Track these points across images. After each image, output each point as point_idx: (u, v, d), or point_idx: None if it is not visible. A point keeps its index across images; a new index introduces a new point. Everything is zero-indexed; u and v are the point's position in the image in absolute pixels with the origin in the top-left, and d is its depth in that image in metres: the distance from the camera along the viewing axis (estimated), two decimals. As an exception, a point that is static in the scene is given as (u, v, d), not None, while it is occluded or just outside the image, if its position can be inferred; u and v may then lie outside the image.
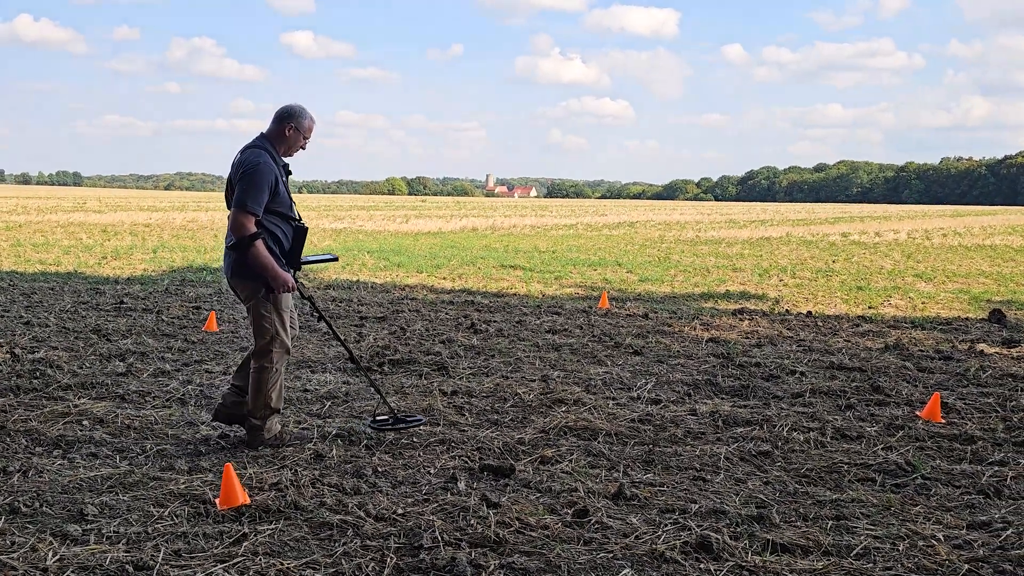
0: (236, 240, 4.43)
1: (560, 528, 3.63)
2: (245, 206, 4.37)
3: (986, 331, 8.92)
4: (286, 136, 4.60)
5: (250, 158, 4.46)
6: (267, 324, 4.59)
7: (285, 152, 4.65)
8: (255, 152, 4.49)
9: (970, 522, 3.84)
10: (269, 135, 4.62)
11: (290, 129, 4.60)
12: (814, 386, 6.28)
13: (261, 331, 4.61)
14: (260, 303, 4.56)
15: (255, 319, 4.60)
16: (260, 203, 4.41)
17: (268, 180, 4.42)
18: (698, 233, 28.02)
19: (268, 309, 4.57)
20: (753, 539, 3.58)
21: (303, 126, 4.63)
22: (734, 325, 9.02)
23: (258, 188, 4.39)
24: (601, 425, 5.17)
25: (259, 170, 4.41)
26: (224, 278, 4.76)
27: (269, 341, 4.61)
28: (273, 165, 4.49)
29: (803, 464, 4.62)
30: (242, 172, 4.43)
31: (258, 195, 4.39)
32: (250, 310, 4.62)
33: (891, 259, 18.15)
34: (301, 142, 4.68)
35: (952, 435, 5.17)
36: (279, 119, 4.61)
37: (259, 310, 4.57)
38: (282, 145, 4.62)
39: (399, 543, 3.45)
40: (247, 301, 4.61)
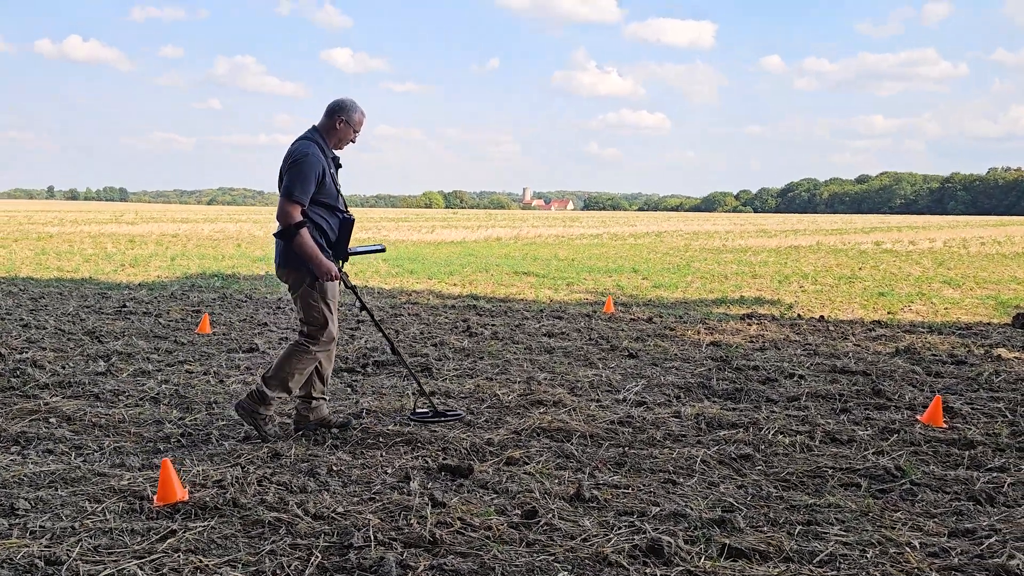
0: (282, 228, 4.50)
1: (504, 529, 3.42)
2: (292, 195, 4.45)
3: (1008, 336, 8.52)
4: (336, 129, 4.66)
5: (299, 148, 4.54)
6: (316, 313, 4.65)
7: (335, 145, 4.71)
8: (305, 143, 4.57)
9: (953, 529, 3.56)
10: (320, 128, 4.68)
11: (340, 122, 4.65)
12: (812, 390, 5.99)
13: (311, 319, 4.67)
14: (307, 292, 4.62)
15: (304, 308, 4.67)
16: (306, 193, 4.47)
17: (315, 170, 4.49)
18: (725, 242, 27.56)
19: (315, 298, 4.63)
20: (710, 544, 3.34)
21: (353, 119, 4.69)
22: (740, 329, 8.73)
23: (305, 178, 4.46)
24: (577, 427, 4.96)
25: (307, 160, 4.48)
26: (275, 266, 4.80)
27: (318, 328, 4.67)
28: (321, 156, 4.55)
29: (784, 468, 4.36)
30: (291, 162, 4.51)
31: (305, 185, 4.46)
32: (298, 299, 4.68)
33: (921, 266, 17.61)
34: (351, 135, 4.73)
35: (951, 440, 4.87)
36: (330, 112, 4.67)
37: (307, 299, 4.64)
38: (332, 138, 4.68)
39: (330, 542, 3.28)
40: (294, 290, 4.66)
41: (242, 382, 6.03)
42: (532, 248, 23.23)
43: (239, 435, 4.79)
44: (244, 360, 6.80)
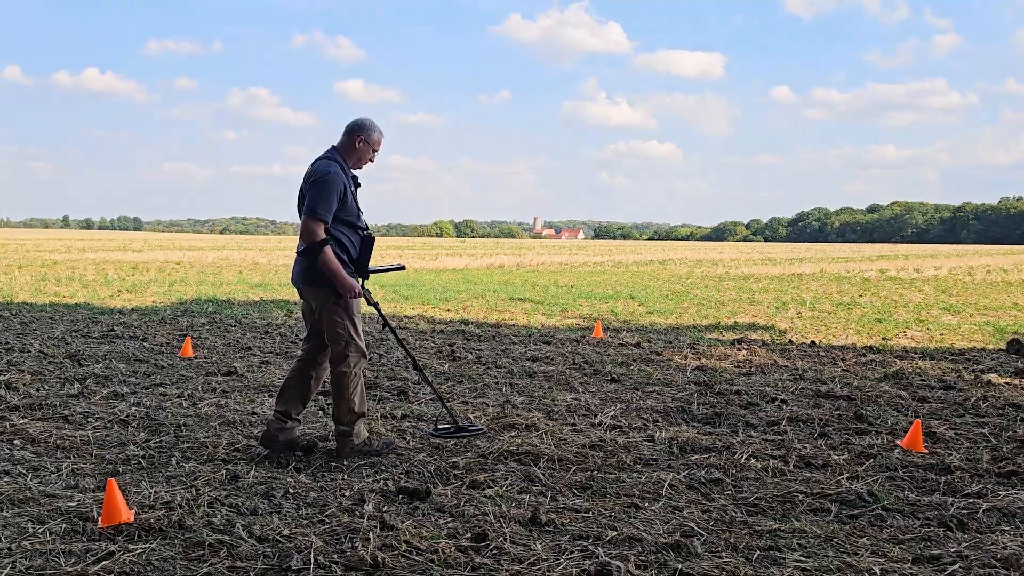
0: (306, 246, 4.52)
1: (451, 552, 3.33)
2: (315, 213, 4.47)
3: (1001, 361, 8.37)
4: (356, 148, 4.70)
5: (321, 167, 4.57)
6: (340, 330, 4.63)
7: (355, 164, 4.74)
8: (326, 162, 4.60)
9: (918, 556, 3.44)
10: (340, 147, 4.72)
11: (360, 141, 4.70)
12: (793, 414, 5.88)
13: (336, 337, 4.65)
14: (332, 310, 4.62)
15: (328, 326, 4.65)
16: (329, 210, 4.50)
17: (337, 189, 4.52)
18: (728, 270, 27.44)
19: (340, 315, 4.62)
20: (663, 568, 3.24)
21: (372, 139, 4.73)
22: (728, 354, 8.62)
23: (327, 196, 4.49)
24: (546, 450, 4.86)
25: (329, 178, 4.51)
26: (297, 286, 4.82)
27: (344, 347, 4.65)
28: (343, 175, 4.59)
29: (754, 493, 4.25)
30: (312, 180, 4.53)
31: (328, 202, 4.49)
32: (323, 317, 4.66)
33: (922, 293, 17.44)
34: (370, 155, 4.78)
35: (929, 465, 4.75)
36: (349, 132, 4.71)
37: (332, 317, 4.63)
38: (352, 157, 4.72)
39: (268, 565, 3.19)
40: (318, 308, 4.66)
41: (215, 404, 5.96)
42: (533, 275, 23.18)
43: (202, 457, 4.72)
44: (221, 383, 6.74)
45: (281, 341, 9.15)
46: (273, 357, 8.07)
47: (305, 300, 4.78)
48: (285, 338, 9.38)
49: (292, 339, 9.31)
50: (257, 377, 7.01)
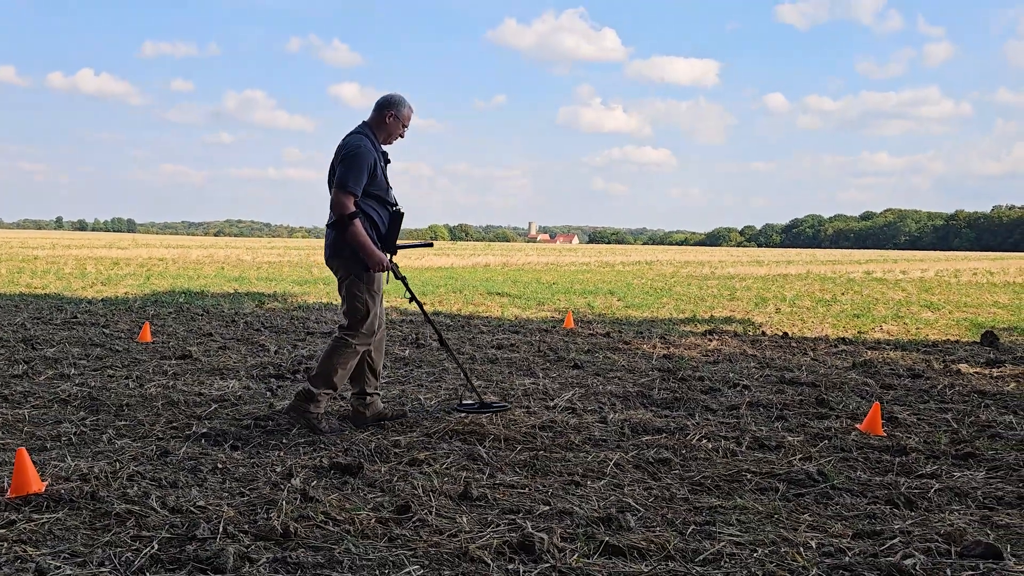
0: (335, 218, 4.51)
1: (369, 523, 3.18)
2: (345, 186, 4.48)
3: (973, 353, 8.26)
4: (386, 123, 4.71)
5: (352, 141, 4.59)
6: (359, 304, 4.66)
7: (384, 140, 4.76)
8: (357, 136, 4.62)
9: (858, 531, 3.31)
10: (370, 123, 4.73)
11: (390, 116, 4.70)
12: (754, 399, 5.75)
13: (353, 310, 4.67)
14: (354, 283, 4.64)
15: (348, 298, 4.67)
16: (359, 184, 4.52)
17: (367, 162, 4.54)
18: (714, 270, 27.35)
19: (361, 289, 4.65)
20: (590, 541, 3.10)
21: (402, 114, 4.74)
22: (698, 344, 8.49)
23: (358, 169, 4.50)
24: (493, 431, 4.72)
25: (359, 152, 4.53)
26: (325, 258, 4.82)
27: (359, 320, 4.67)
28: (373, 150, 4.61)
29: (701, 472, 4.11)
30: (343, 154, 4.54)
31: (358, 176, 4.51)
32: (344, 289, 4.68)
33: (905, 292, 17.36)
34: (400, 130, 4.78)
35: (885, 447, 4.62)
36: (380, 107, 4.73)
37: (353, 290, 4.65)
38: (382, 132, 4.73)
39: (173, 534, 3.04)
40: (343, 280, 4.67)
41: (162, 386, 5.80)
42: (517, 273, 23.04)
43: (137, 435, 4.57)
44: (174, 366, 6.58)
45: (245, 328, 8.99)
46: (234, 343, 7.91)
47: (333, 271, 4.79)
48: (250, 326, 9.22)
49: (257, 327, 9.16)
50: (212, 361, 6.86)
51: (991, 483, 4.02)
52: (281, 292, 14.46)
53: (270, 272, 21.05)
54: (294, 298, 13.21)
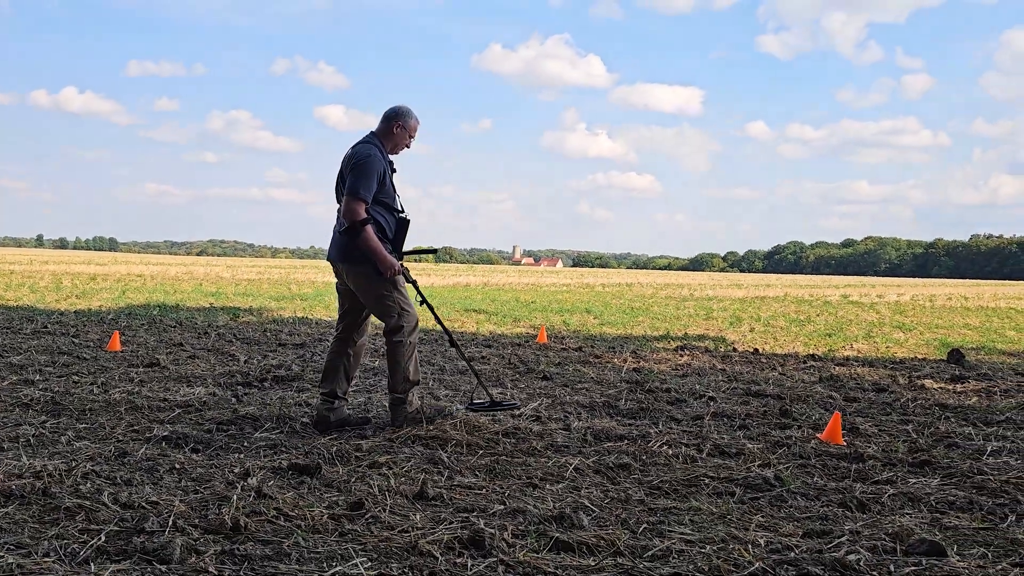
0: (347, 225, 4.61)
1: (321, 519, 3.19)
2: (357, 193, 4.59)
3: (939, 369, 8.37)
4: (394, 134, 4.85)
5: (362, 151, 4.71)
6: (390, 303, 4.76)
7: (392, 150, 4.88)
8: (366, 146, 4.74)
9: (809, 531, 3.34)
10: (378, 133, 4.86)
11: (397, 127, 4.84)
12: (719, 410, 5.80)
13: (386, 311, 4.77)
14: (377, 285, 4.72)
15: (376, 302, 4.77)
16: (370, 191, 4.63)
17: (377, 171, 4.67)
18: (693, 292, 27.52)
19: (387, 289, 4.74)
20: (541, 538, 3.12)
21: (409, 125, 4.87)
22: (668, 359, 8.55)
23: (368, 177, 4.62)
24: (456, 436, 4.72)
25: (370, 161, 4.65)
26: (336, 264, 4.91)
27: (397, 318, 4.77)
28: (382, 159, 4.74)
29: (660, 477, 4.14)
30: (354, 163, 4.66)
31: (368, 183, 4.62)
32: (370, 295, 4.77)
33: (879, 314, 17.55)
34: (406, 140, 4.92)
35: (843, 454, 4.67)
36: (387, 118, 4.86)
37: (379, 292, 4.74)
38: (389, 142, 4.85)
39: (122, 527, 3.03)
40: (363, 287, 4.76)
41: (127, 392, 5.77)
42: (496, 293, 23.08)
43: (97, 437, 4.54)
44: (141, 374, 6.55)
45: (217, 339, 8.96)
46: (203, 352, 7.88)
47: (341, 279, 4.88)
48: (222, 337, 9.19)
49: (229, 338, 9.13)
50: (179, 369, 6.83)
51: (944, 489, 4.07)
52: (257, 307, 14.41)
53: (248, 288, 20.97)
54: (270, 312, 13.18)
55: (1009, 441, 5.05)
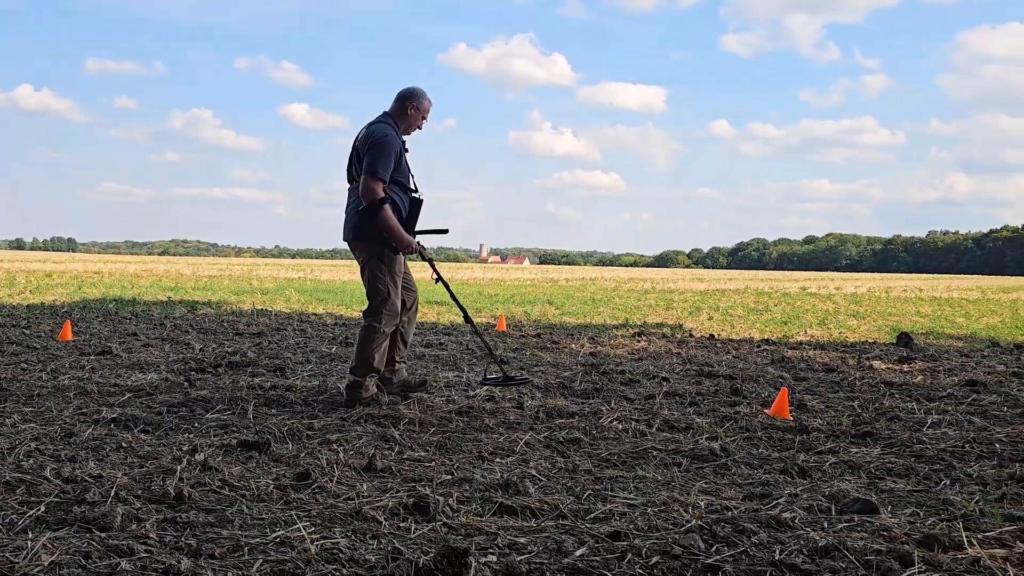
0: (366, 203, 4.67)
1: (267, 489, 3.19)
2: (375, 172, 4.65)
3: (887, 352, 8.57)
4: (407, 114, 4.93)
5: (378, 130, 4.76)
6: (381, 286, 4.83)
7: (405, 130, 4.96)
8: (382, 126, 4.79)
9: (749, 494, 3.43)
10: (392, 113, 4.92)
11: (412, 108, 4.93)
12: (671, 389, 5.88)
13: (375, 291, 4.85)
14: (377, 265, 4.81)
15: (370, 280, 4.85)
16: (388, 170, 4.69)
17: (394, 150, 4.73)
18: (655, 285, 27.77)
19: (383, 271, 4.83)
20: (486, 504, 3.16)
21: (422, 106, 4.96)
22: (625, 344, 8.64)
23: (386, 156, 4.68)
24: (409, 414, 4.75)
25: (387, 140, 4.71)
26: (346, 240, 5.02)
27: (381, 302, 4.85)
28: (398, 138, 4.80)
29: (609, 450, 4.20)
30: (371, 142, 4.70)
31: (386, 162, 4.68)
32: (367, 272, 4.85)
33: (835, 304, 17.87)
34: (419, 121, 5.01)
35: (788, 427, 4.77)
36: (402, 99, 4.93)
37: (375, 271, 4.82)
38: (403, 122, 4.93)
39: (63, 498, 3.01)
40: (365, 262, 4.85)
41: (77, 378, 5.70)
42: (461, 287, 23.08)
43: (43, 420, 4.48)
44: (92, 361, 6.47)
45: (172, 329, 8.87)
46: (158, 342, 7.80)
47: (354, 253, 4.97)
48: (178, 327, 9.10)
49: (185, 328, 9.03)
50: (132, 357, 6.76)
51: (884, 457, 4.19)
52: (217, 300, 14.27)
53: (209, 283, 20.73)
54: (229, 306, 13.05)
55: (949, 415, 5.20)
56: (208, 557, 2.52)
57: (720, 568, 2.53)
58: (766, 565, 2.55)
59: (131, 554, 2.50)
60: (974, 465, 3.98)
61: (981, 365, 7.53)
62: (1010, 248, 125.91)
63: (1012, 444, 4.42)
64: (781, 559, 2.58)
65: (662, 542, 2.72)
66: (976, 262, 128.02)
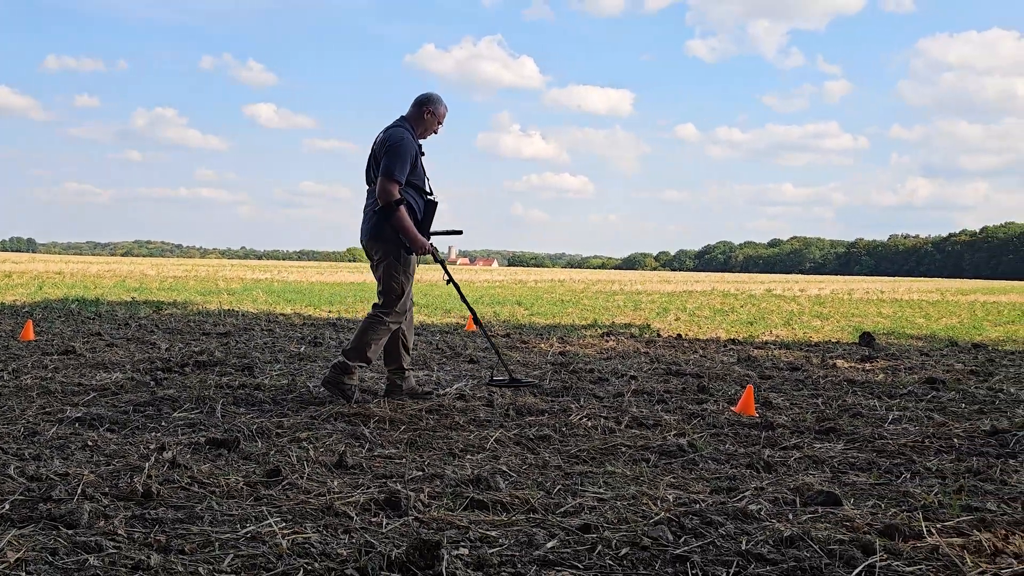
0: (383, 205, 4.80)
1: (237, 486, 3.18)
2: (392, 174, 4.78)
3: (850, 351, 8.73)
4: (424, 119, 5.05)
5: (395, 134, 4.88)
6: (395, 284, 4.98)
7: (421, 134, 5.08)
8: (399, 130, 4.92)
9: (716, 488, 3.48)
10: (409, 118, 5.05)
11: (428, 113, 5.05)
12: (640, 387, 5.95)
13: (389, 289, 4.99)
14: (393, 264, 4.95)
15: (386, 278, 4.98)
16: (404, 173, 4.82)
17: (411, 153, 4.87)
18: (623, 287, 27.97)
19: (398, 271, 4.97)
20: (457, 498, 3.18)
21: (439, 112, 5.10)
22: (594, 344, 8.70)
23: (403, 159, 4.81)
24: (379, 413, 4.75)
25: (404, 144, 4.84)
26: (362, 240, 5.14)
27: (394, 300, 5.00)
28: (414, 142, 4.93)
29: (578, 446, 4.24)
30: (388, 145, 4.83)
31: (403, 165, 4.81)
32: (382, 270, 4.97)
33: (800, 305, 18.14)
34: (435, 126, 5.13)
35: (754, 424, 4.85)
36: (419, 104, 5.07)
37: (391, 271, 4.96)
38: (420, 127, 5.05)
39: (28, 496, 2.97)
40: (380, 261, 4.97)
41: (40, 378, 5.61)
42: (429, 288, 23.05)
43: (5, 420, 4.41)
44: (55, 361, 6.37)
45: (138, 329, 8.75)
46: (123, 342, 7.69)
47: (370, 259, 5.08)
48: (143, 327, 8.98)
49: (150, 328, 8.92)
50: (96, 356, 6.66)
51: (847, 452, 4.28)
52: (182, 301, 14.10)
53: (174, 284, 20.47)
54: (195, 306, 12.91)
55: (910, 411, 5.32)
56: (178, 553, 2.51)
57: (688, 558, 2.58)
58: (733, 555, 2.60)
59: (99, 550, 2.48)
60: (933, 459, 4.08)
61: (940, 364, 7.70)
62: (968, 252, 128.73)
63: (970, 439, 4.54)
64: (748, 549, 2.63)
65: (631, 534, 2.76)
66: (936, 265, 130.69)
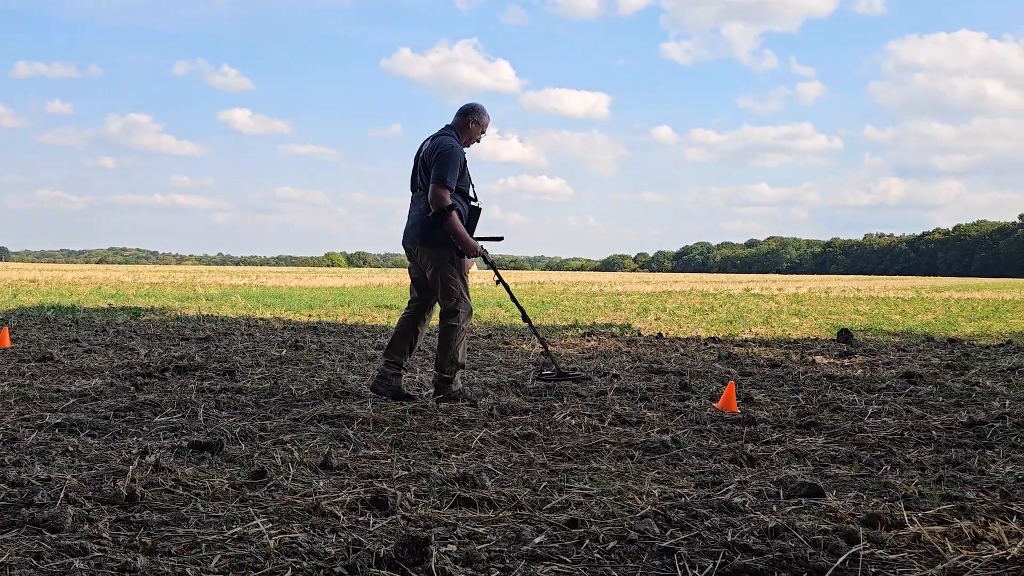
0: (435, 211, 4.95)
1: (222, 488, 3.16)
2: (443, 181, 4.93)
3: (829, 347, 8.82)
4: (469, 128, 5.21)
5: (444, 142, 5.04)
6: (453, 287, 5.11)
7: (466, 142, 5.23)
8: (447, 138, 5.08)
9: (701, 482, 3.51)
10: (454, 126, 5.21)
11: (472, 122, 5.22)
12: (622, 386, 5.98)
13: (448, 293, 5.12)
14: (449, 268, 5.09)
15: (442, 283, 5.11)
16: (454, 179, 4.97)
17: (460, 160, 5.02)
18: (603, 288, 28.07)
19: (453, 273, 5.11)
20: (444, 496, 3.18)
21: (482, 121, 5.27)
22: (576, 343, 8.74)
23: (453, 166, 4.96)
24: (363, 414, 4.74)
25: (453, 151, 5.00)
26: (408, 247, 5.28)
27: (456, 302, 5.12)
28: (461, 150, 5.08)
29: (563, 444, 4.25)
30: (438, 153, 4.98)
31: (453, 171, 4.96)
32: (437, 275, 5.11)
33: (777, 304, 18.31)
34: (479, 135, 5.28)
35: (736, 419, 4.89)
36: (463, 113, 5.24)
37: (446, 275, 5.10)
38: (464, 135, 5.20)
39: (9, 501, 2.94)
40: (433, 267, 5.11)
41: (17, 385, 5.54)
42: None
43: (-16, 427, 4.35)
44: (32, 368, 6.29)
45: (116, 335, 8.67)
46: (101, 348, 7.62)
47: (414, 261, 5.23)
48: (121, 334, 8.90)
49: (128, 335, 8.84)
50: (75, 363, 6.59)
51: (828, 446, 4.33)
52: (160, 307, 13.98)
53: (151, 290, 20.28)
54: (173, 311, 12.80)
55: (888, 405, 5.39)
56: (164, 555, 2.49)
57: (675, 551, 2.60)
58: (719, 547, 2.63)
59: (84, 553, 2.46)
60: (913, 451, 4.14)
61: (917, 359, 7.81)
62: (942, 250, 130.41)
63: (947, 431, 4.61)
64: (734, 540, 2.66)
65: (618, 528, 2.78)
66: (910, 263, 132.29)
